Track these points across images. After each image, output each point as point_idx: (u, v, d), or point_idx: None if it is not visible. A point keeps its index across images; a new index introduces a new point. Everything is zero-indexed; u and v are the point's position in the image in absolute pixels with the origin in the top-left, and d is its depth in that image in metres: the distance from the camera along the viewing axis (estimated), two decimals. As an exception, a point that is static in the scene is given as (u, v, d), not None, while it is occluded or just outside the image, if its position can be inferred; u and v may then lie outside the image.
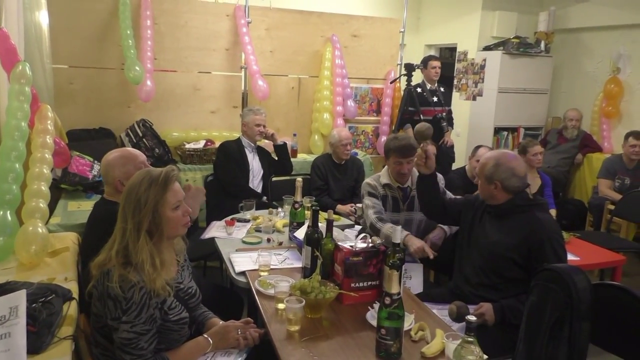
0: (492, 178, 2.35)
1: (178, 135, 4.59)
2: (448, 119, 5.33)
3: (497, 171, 2.35)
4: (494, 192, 2.37)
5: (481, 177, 2.42)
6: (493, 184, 2.36)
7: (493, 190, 2.37)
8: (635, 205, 4.25)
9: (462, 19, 6.73)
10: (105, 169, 2.29)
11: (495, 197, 2.39)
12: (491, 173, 2.36)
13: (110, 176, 2.26)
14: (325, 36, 5.08)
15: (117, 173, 2.24)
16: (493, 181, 2.35)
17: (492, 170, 2.36)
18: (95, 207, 2.35)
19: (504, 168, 2.35)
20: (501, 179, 2.34)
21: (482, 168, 2.43)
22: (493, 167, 2.36)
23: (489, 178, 2.37)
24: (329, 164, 4.21)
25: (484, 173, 2.40)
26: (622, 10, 5.73)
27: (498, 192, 2.37)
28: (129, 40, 4.10)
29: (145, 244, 1.67)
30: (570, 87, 6.57)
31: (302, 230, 2.63)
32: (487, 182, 2.38)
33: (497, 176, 2.34)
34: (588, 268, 3.15)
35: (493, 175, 2.35)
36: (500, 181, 2.34)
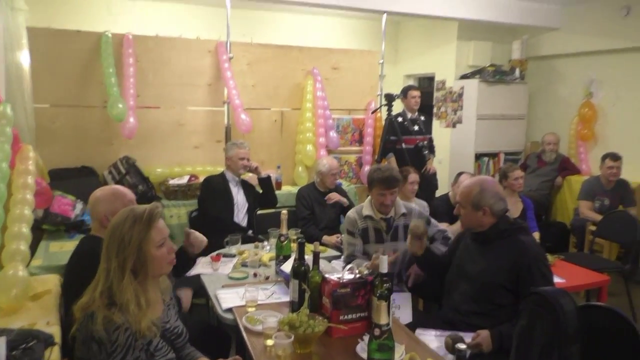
0: (480, 204, 2.36)
1: (162, 171, 4.58)
2: (429, 147, 5.41)
3: (485, 197, 2.36)
4: (482, 218, 2.38)
5: (466, 205, 2.41)
6: (481, 210, 2.36)
7: (481, 216, 2.37)
8: (615, 225, 4.32)
9: (439, 49, 6.90)
10: (92, 203, 2.30)
11: (482, 224, 2.39)
12: (478, 199, 2.36)
13: (96, 211, 2.27)
14: (306, 69, 5.16)
15: (104, 208, 2.25)
16: (481, 207, 2.36)
17: (479, 196, 2.37)
18: (80, 242, 2.34)
19: (490, 193, 2.37)
20: (490, 204, 2.36)
21: (466, 196, 2.42)
22: (479, 193, 2.37)
23: (476, 205, 2.37)
24: (314, 193, 4.24)
25: (470, 200, 2.39)
26: (591, 38, 5.94)
27: (486, 217, 2.37)
28: (112, 78, 4.13)
29: (130, 283, 1.65)
30: (546, 112, 6.73)
31: (288, 263, 2.62)
32: (475, 209, 2.37)
33: (485, 201, 2.35)
34: (574, 290, 3.18)
35: (481, 201, 2.36)
36: (489, 206, 2.36)
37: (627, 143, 5.64)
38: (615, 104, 5.88)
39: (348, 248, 2.98)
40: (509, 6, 5.93)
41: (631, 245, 4.21)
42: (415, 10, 5.52)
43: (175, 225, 4.25)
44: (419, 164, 5.07)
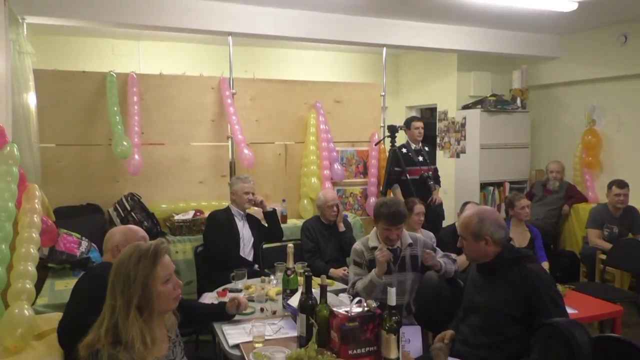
0: (481, 234, 2.33)
1: (167, 207, 4.58)
2: (434, 177, 5.40)
3: (484, 226, 2.34)
4: (485, 248, 2.34)
5: (467, 237, 2.37)
6: (483, 239, 2.33)
7: (484, 246, 2.34)
8: (626, 254, 4.25)
9: (440, 80, 6.98)
10: (107, 236, 2.44)
11: (486, 254, 2.35)
12: (478, 229, 2.34)
13: (110, 242, 2.40)
14: (309, 103, 5.21)
15: (118, 238, 2.38)
16: (482, 237, 2.33)
17: (478, 226, 2.34)
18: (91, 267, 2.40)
19: (489, 221, 2.35)
20: (490, 233, 2.33)
21: (465, 227, 2.39)
22: (478, 223, 2.35)
23: (477, 235, 2.34)
24: (318, 225, 4.24)
25: (470, 231, 2.36)
26: (590, 66, 6.00)
27: (489, 247, 2.34)
28: (116, 117, 4.18)
29: (136, 321, 1.63)
30: (549, 140, 6.74)
31: (295, 297, 2.59)
32: (476, 239, 2.34)
33: (485, 231, 2.33)
34: (587, 321, 3.11)
35: (481, 231, 2.33)
36: (490, 235, 2.33)
37: (633, 170, 5.62)
38: (619, 130, 5.89)
39: (354, 279, 2.96)
40: (507, 37, 6.02)
41: (643, 273, 4.14)
42: (414, 43, 5.62)
43: (181, 261, 4.23)
44: (424, 194, 5.06)
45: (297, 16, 5.01)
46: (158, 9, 4.50)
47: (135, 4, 4.42)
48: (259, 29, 4.92)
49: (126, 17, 4.44)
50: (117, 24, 4.63)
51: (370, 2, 4.74)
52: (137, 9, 4.44)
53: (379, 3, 4.79)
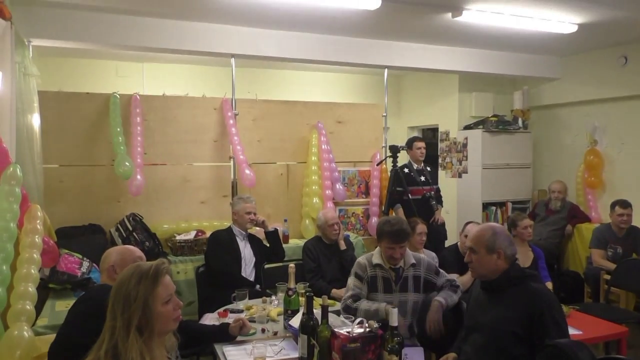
0: (495, 247, 2.32)
1: (168, 227, 4.58)
2: (437, 197, 5.40)
3: (498, 239, 2.33)
4: (496, 262, 2.32)
5: (480, 249, 2.34)
6: (496, 253, 2.32)
7: (495, 260, 2.32)
8: (631, 274, 4.22)
9: (441, 101, 7.03)
10: (103, 256, 2.40)
11: (496, 269, 2.33)
12: (492, 242, 2.32)
13: (106, 262, 2.36)
14: (311, 123, 5.24)
15: (113, 259, 2.35)
16: (496, 250, 2.32)
17: (492, 239, 2.33)
18: (89, 290, 2.38)
19: (503, 236, 2.35)
20: (503, 247, 2.32)
21: (478, 239, 2.36)
22: (492, 236, 2.34)
23: (490, 248, 2.32)
24: (320, 245, 4.22)
25: (483, 243, 2.34)
26: (591, 87, 6.04)
27: (500, 261, 2.32)
28: (119, 137, 4.21)
29: (135, 342, 1.61)
30: (551, 160, 6.75)
31: (297, 318, 2.56)
32: (489, 252, 2.32)
33: (499, 244, 2.32)
34: (592, 342, 3.07)
35: (495, 244, 2.32)
36: (503, 249, 2.32)
37: (635, 190, 5.61)
38: (621, 150, 5.89)
39: (354, 289, 2.92)
40: (508, 58, 6.07)
41: (648, 293, 4.10)
42: (416, 65, 5.67)
43: (183, 282, 4.21)
44: (426, 214, 5.05)
45: (299, 38, 5.08)
46: (162, 32, 4.56)
47: (139, 27, 4.49)
48: (262, 51, 4.98)
49: (130, 40, 4.50)
50: (122, 47, 4.70)
51: (372, 24, 4.80)
52: (141, 31, 4.51)
53: (380, 25, 4.85)
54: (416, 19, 4.65)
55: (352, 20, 4.64)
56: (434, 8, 4.33)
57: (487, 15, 4.42)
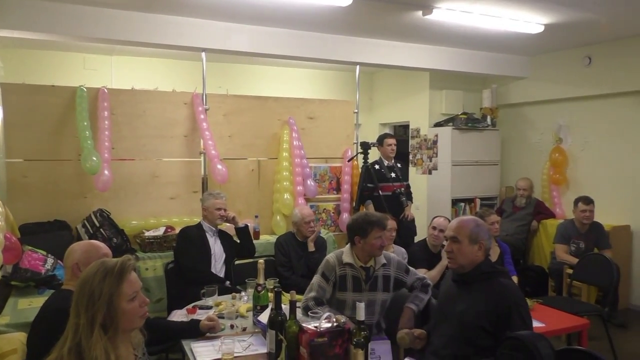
0: (477, 238, 2.36)
1: (137, 223, 4.51)
2: (407, 194, 5.46)
3: (481, 231, 2.38)
4: (477, 253, 2.36)
5: (464, 239, 2.37)
6: (478, 244, 2.36)
7: (477, 251, 2.36)
8: (592, 268, 4.34)
9: (412, 98, 7.10)
10: (67, 253, 2.30)
11: (475, 260, 2.37)
12: (476, 233, 2.37)
13: (69, 259, 2.27)
14: (282, 119, 5.23)
15: (76, 257, 2.25)
16: (478, 241, 2.36)
17: (476, 230, 2.37)
18: (51, 296, 2.30)
19: (484, 229, 2.40)
20: (484, 240, 2.37)
21: (462, 229, 2.39)
22: (476, 227, 2.38)
23: (473, 239, 2.36)
24: (292, 242, 4.23)
25: (467, 233, 2.37)
26: (557, 86, 6.19)
27: (480, 253, 2.37)
28: (86, 132, 4.12)
29: (100, 339, 1.59)
30: (518, 157, 6.90)
31: (266, 313, 2.57)
32: (472, 243, 2.36)
33: (482, 236, 2.37)
34: (554, 334, 3.17)
35: (478, 236, 2.37)
36: (484, 242, 2.37)
37: (597, 186, 5.79)
38: (584, 148, 6.06)
39: (318, 291, 2.87)
40: (478, 57, 6.18)
41: (608, 288, 4.23)
42: (387, 62, 5.71)
43: (151, 278, 4.16)
44: (396, 210, 5.11)
45: (271, 33, 5.06)
46: (131, 24, 4.48)
47: (107, 19, 4.40)
48: (233, 46, 4.94)
49: (98, 32, 4.41)
50: (89, 39, 4.61)
51: (344, 20, 4.82)
52: (109, 23, 4.42)
53: (352, 22, 4.87)
54: (387, 16, 4.68)
55: (324, 16, 4.65)
56: (405, 6, 4.37)
57: (456, 14, 4.49)
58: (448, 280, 2.54)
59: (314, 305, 2.79)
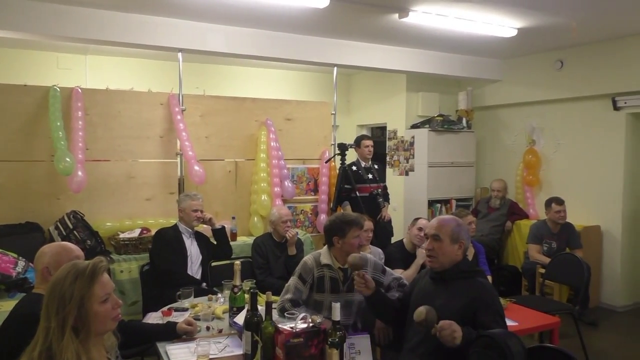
0: (458, 238, 2.38)
1: (112, 225, 4.46)
2: (384, 195, 5.51)
3: (461, 231, 2.40)
4: (457, 252, 2.39)
5: (444, 237, 2.38)
6: (458, 243, 2.38)
7: (457, 250, 2.38)
8: (563, 268, 4.43)
9: (389, 100, 7.16)
10: (37, 256, 2.24)
11: (454, 259, 2.39)
12: (457, 232, 2.39)
13: (39, 263, 2.21)
14: (260, 120, 5.22)
15: (47, 260, 2.19)
16: (458, 241, 2.38)
17: (457, 229, 2.39)
18: (20, 301, 2.23)
19: (464, 229, 2.42)
20: (464, 239, 2.40)
21: (443, 228, 2.41)
22: (457, 226, 2.40)
23: (455, 238, 2.38)
24: (270, 242, 4.22)
25: (449, 233, 2.39)
26: (530, 89, 6.31)
27: (460, 252, 2.39)
28: (59, 132, 4.05)
29: (71, 342, 1.56)
30: (493, 159, 7.01)
31: (242, 315, 2.56)
32: (453, 242, 2.38)
33: (462, 236, 2.39)
34: (527, 332, 3.23)
35: (459, 235, 2.39)
36: (464, 241, 2.40)
37: (569, 187, 5.92)
38: (556, 150, 6.19)
39: (294, 293, 2.87)
40: (454, 60, 6.26)
41: (579, 286, 4.32)
42: (365, 64, 5.75)
43: (126, 281, 4.11)
44: (374, 211, 5.15)
45: (248, 34, 5.05)
46: (106, 23, 4.43)
47: (82, 18, 4.34)
48: (210, 46, 4.92)
49: (72, 31, 4.34)
50: (63, 38, 4.53)
51: (321, 22, 4.83)
52: (84, 22, 4.35)
53: (329, 23, 4.89)
54: (364, 18, 4.72)
55: (302, 17, 4.66)
56: (381, 8, 4.41)
57: (432, 17, 4.54)
58: (424, 278, 2.56)
59: (290, 306, 2.79)
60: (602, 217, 5.70)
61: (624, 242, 5.58)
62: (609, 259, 5.67)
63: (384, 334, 2.84)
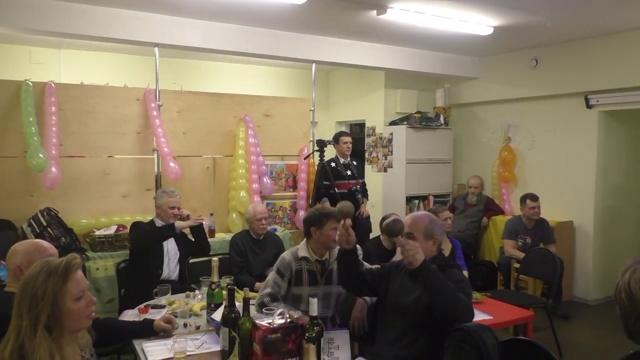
0: (432, 234, 2.42)
1: (87, 222, 4.38)
2: (362, 191, 5.53)
3: (435, 227, 2.44)
4: (431, 248, 2.42)
5: (418, 235, 2.41)
6: (432, 239, 2.42)
7: (431, 246, 2.42)
8: (537, 263, 4.53)
9: (368, 96, 7.19)
10: (9, 254, 2.21)
11: (429, 254, 2.41)
12: (430, 229, 2.42)
13: (11, 261, 2.18)
14: (238, 116, 5.19)
15: (19, 259, 2.16)
16: (432, 237, 2.42)
17: (430, 226, 2.43)
18: None
19: (438, 224, 2.46)
20: (438, 235, 2.43)
21: (416, 225, 2.43)
22: (430, 223, 2.43)
23: (429, 234, 2.41)
24: (247, 240, 4.20)
25: (423, 230, 2.42)
26: (506, 87, 6.40)
27: (434, 248, 2.43)
28: (32, 128, 3.97)
29: (44, 340, 1.54)
30: (470, 155, 7.10)
31: (219, 311, 2.55)
32: (427, 239, 2.41)
33: (435, 232, 2.43)
34: (502, 326, 3.28)
35: (432, 231, 2.42)
36: (438, 237, 2.43)
37: (543, 184, 6.03)
38: (531, 147, 6.30)
39: (273, 287, 2.89)
40: (432, 57, 6.31)
41: (553, 280, 4.41)
42: (343, 60, 5.76)
43: (102, 278, 4.07)
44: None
45: (226, 29, 5.01)
46: (81, 17, 4.35)
47: (56, 11, 4.25)
48: (187, 41, 4.87)
49: (46, 24, 4.26)
50: (36, 31, 4.43)
51: (300, 18, 4.83)
52: (58, 16, 4.27)
53: (308, 20, 4.89)
54: (343, 15, 4.72)
55: (280, 13, 4.65)
56: (360, 5, 4.42)
57: (410, 14, 4.57)
58: (401, 273, 2.58)
59: (269, 301, 2.80)
60: (575, 213, 5.82)
61: (596, 237, 5.71)
62: (581, 254, 5.79)
63: (358, 324, 2.87)
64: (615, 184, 5.81)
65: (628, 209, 5.96)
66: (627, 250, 5.76)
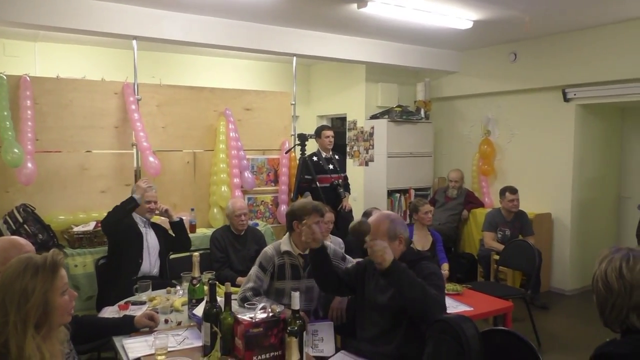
0: (396, 233, 2.43)
1: (65, 218, 4.31)
2: (344, 185, 5.54)
3: (397, 226, 2.44)
4: (398, 247, 2.43)
5: (383, 238, 2.39)
6: (397, 239, 2.43)
7: (398, 245, 2.43)
8: (516, 254, 4.60)
9: (349, 90, 7.19)
10: None
11: (399, 253, 2.43)
12: (393, 229, 2.43)
13: None
14: (219, 110, 5.15)
15: None
16: (397, 236, 2.43)
17: (392, 227, 2.43)
18: None
19: (399, 222, 2.47)
20: (402, 233, 2.44)
21: (378, 230, 2.42)
22: (391, 224, 2.44)
23: (393, 235, 2.42)
24: (228, 235, 4.18)
25: (385, 233, 2.41)
26: (485, 80, 6.46)
27: (401, 246, 2.44)
28: (6, 122, 3.89)
29: (33, 338, 1.51)
30: (450, 149, 7.15)
31: (201, 306, 2.54)
32: (392, 240, 2.41)
33: (399, 231, 2.43)
34: (481, 317, 3.32)
35: (396, 231, 2.43)
36: (403, 234, 2.44)
37: (522, 177, 6.11)
38: (510, 140, 6.37)
39: (255, 281, 2.89)
40: (412, 51, 6.33)
41: (531, 272, 4.49)
42: (324, 54, 5.74)
43: (81, 275, 4.01)
44: (334, 202, 5.18)
45: (206, 22, 4.95)
46: (57, 8, 4.25)
47: (31, 2, 4.15)
48: (166, 34, 4.80)
49: (20, 16, 4.15)
50: (10, 23, 4.33)
51: (280, 11, 4.79)
52: (33, 7, 4.17)
53: (288, 13, 4.86)
54: (323, 8, 4.71)
55: (260, 6, 4.61)
56: (340, -2, 4.41)
57: (390, 7, 4.56)
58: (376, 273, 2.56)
59: (251, 296, 2.80)
60: (552, 205, 5.92)
61: (573, 229, 5.82)
62: (559, 245, 5.89)
63: (337, 314, 2.88)
64: (591, 177, 5.92)
65: (603, 201, 6.08)
66: (603, 241, 5.88)
